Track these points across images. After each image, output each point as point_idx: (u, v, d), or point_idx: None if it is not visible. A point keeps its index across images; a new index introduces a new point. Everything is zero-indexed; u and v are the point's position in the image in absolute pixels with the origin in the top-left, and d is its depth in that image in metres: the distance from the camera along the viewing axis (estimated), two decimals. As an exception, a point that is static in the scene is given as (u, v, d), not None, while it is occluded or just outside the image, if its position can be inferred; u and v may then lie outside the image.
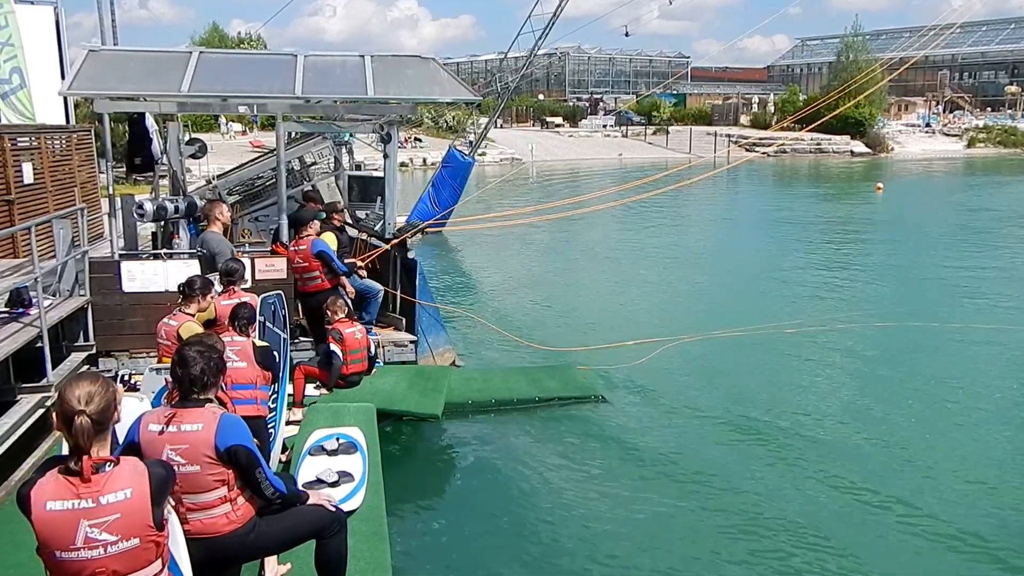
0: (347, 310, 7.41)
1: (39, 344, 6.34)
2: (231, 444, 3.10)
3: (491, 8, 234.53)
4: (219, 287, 6.02)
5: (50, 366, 6.41)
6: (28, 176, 9.75)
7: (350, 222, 10.22)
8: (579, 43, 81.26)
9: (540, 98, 75.72)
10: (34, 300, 6.67)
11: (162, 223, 8.86)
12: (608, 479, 6.33)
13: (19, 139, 9.84)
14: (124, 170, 13.81)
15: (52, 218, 7.80)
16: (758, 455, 6.80)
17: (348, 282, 7.75)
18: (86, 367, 7.26)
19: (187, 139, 10.16)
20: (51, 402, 6.05)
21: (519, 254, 17.65)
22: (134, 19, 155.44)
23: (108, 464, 2.49)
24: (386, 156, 8.94)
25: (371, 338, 7.53)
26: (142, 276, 7.61)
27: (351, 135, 12.98)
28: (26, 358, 6.34)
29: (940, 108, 71.18)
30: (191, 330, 5.19)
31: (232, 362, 4.47)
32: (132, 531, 2.48)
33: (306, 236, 7.57)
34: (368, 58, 8.33)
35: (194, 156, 10.24)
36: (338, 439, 5.80)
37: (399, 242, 8.55)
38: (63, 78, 11.88)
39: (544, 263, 16.71)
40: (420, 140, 48.05)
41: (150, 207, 8.14)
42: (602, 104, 76.45)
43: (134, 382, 6.55)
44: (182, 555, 2.82)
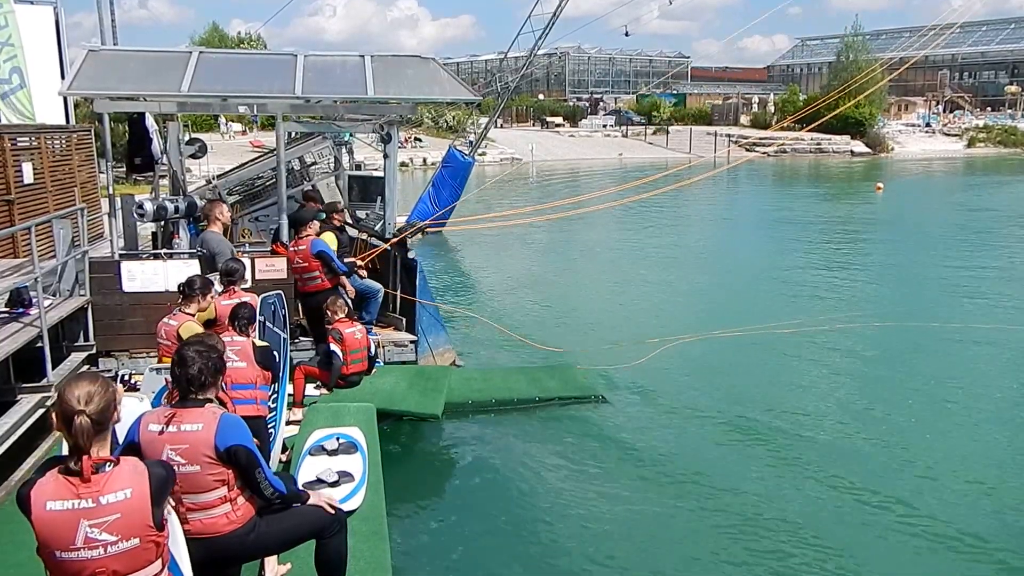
0: (347, 310, 7.42)
1: (39, 344, 6.34)
2: (231, 444, 3.10)
3: (491, 8, 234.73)
4: (219, 287, 6.02)
5: (50, 366, 6.41)
6: (28, 176, 9.76)
7: (350, 222, 10.21)
8: (579, 43, 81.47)
9: (540, 98, 75.74)
10: (34, 300, 6.67)
11: (162, 223, 8.86)
12: (608, 479, 6.33)
13: (19, 139, 9.85)
14: (124, 170, 13.80)
15: (52, 218, 7.80)
16: (758, 455, 6.81)
17: (348, 282, 7.76)
18: (86, 367, 7.26)
19: (187, 139, 10.16)
20: (51, 402, 6.04)
21: (519, 254, 17.65)
22: (134, 19, 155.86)
23: (108, 464, 2.49)
24: (386, 156, 8.93)
25: (371, 338, 7.53)
26: (142, 276, 7.61)
27: (351, 135, 12.99)
28: (26, 358, 6.34)
29: (940, 108, 71.19)
30: (191, 330, 5.19)
31: (232, 362, 4.48)
32: (132, 531, 2.48)
33: (306, 236, 7.57)
34: (368, 58, 8.34)
35: (194, 156, 10.24)
36: (338, 439, 5.80)
37: (399, 242, 8.55)
38: (63, 78, 11.88)
39: (544, 263, 16.71)
40: (420, 140, 48.05)
41: (150, 207, 8.14)
42: (602, 104, 76.47)
43: (134, 382, 6.55)
44: (182, 555, 2.82)
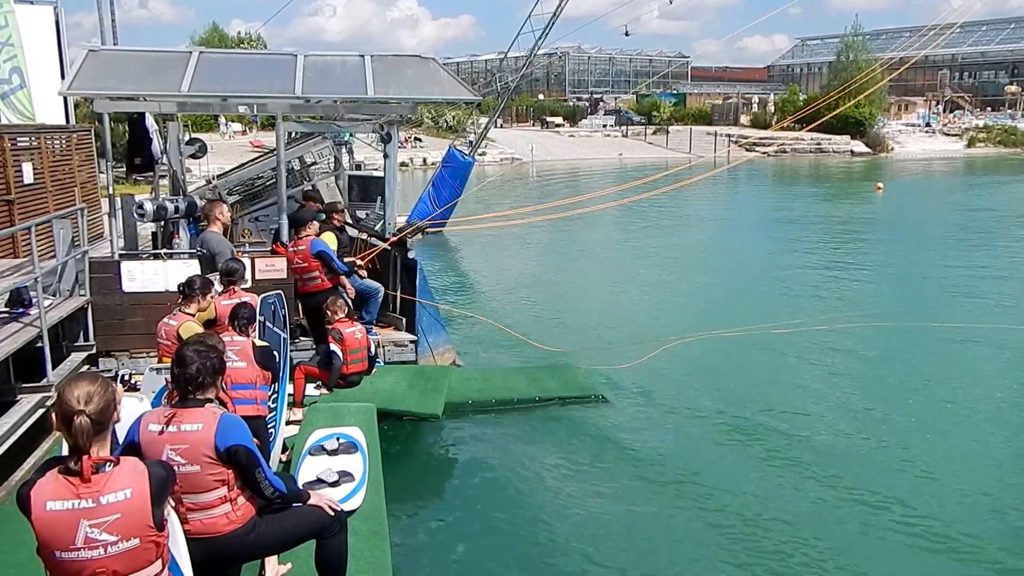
0: (347, 310, 7.42)
1: (39, 344, 6.34)
2: (231, 444, 3.10)
3: (491, 8, 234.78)
4: (219, 287, 6.02)
5: (50, 366, 6.42)
6: (28, 176, 9.76)
7: (350, 222, 10.21)
8: (579, 43, 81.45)
9: (540, 98, 75.72)
10: (34, 300, 6.67)
11: (162, 223, 8.86)
12: (608, 479, 6.33)
13: (19, 139, 9.84)
14: (124, 170, 13.81)
15: (52, 218, 7.80)
16: (757, 455, 6.81)
17: (348, 282, 7.76)
18: (86, 367, 7.27)
19: (187, 139, 10.16)
20: (51, 402, 6.05)
21: (519, 254, 17.64)
22: (134, 19, 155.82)
23: (108, 464, 2.49)
24: (386, 156, 8.93)
25: (371, 338, 7.54)
26: (142, 276, 7.62)
27: (351, 135, 12.98)
28: (26, 358, 6.34)
29: (940, 108, 71.16)
30: (191, 330, 5.19)
31: (232, 362, 4.47)
32: (132, 531, 2.48)
33: (305, 236, 7.57)
34: (368, 58, 8.34)
35: (194, 156, 10.25)
36: (338, 439, 5.80)
37: (399, 242, 8.54)
38: (63, 78, 11.88)
39: (544, 263, 16.71)
40: (420, 140, 48.04)
41: (150, 207, 8.14)
42: (602, 104, 76.45)
43: (134, 382, 6.55)
44: (182, 555, 2.82)
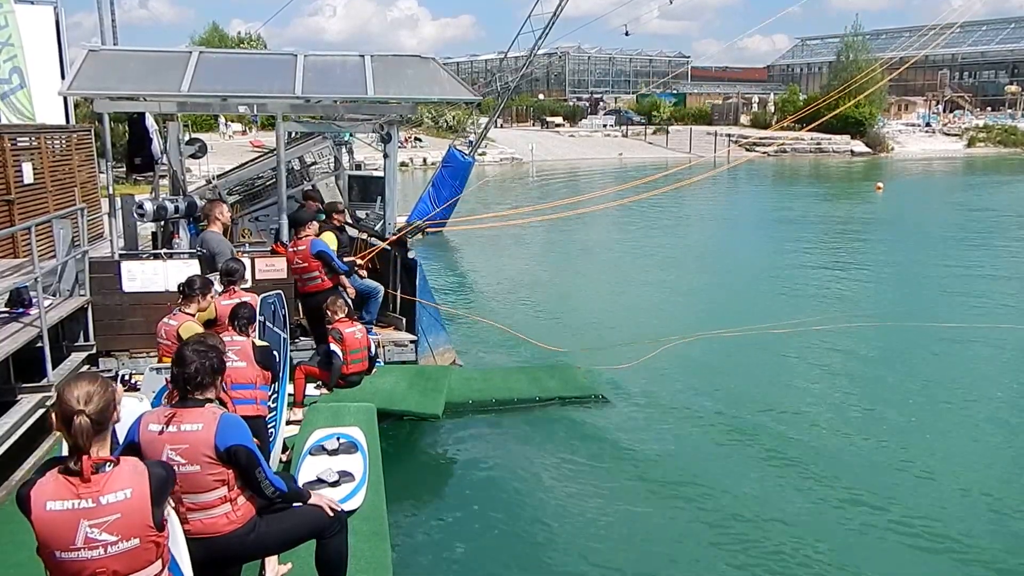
0: (347, 310, 7.41)
1: (39, 344, 6.34)
2: (231, 444, 3.10)
3: (491, 8, 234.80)
4: (219, 287, 6.02)
5: (50, 366, 6.42)
6: (28, 176, 9.76)
7: (350, 222, 10.21)
8: (579, 43, 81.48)
9: (540, 98, 75.69)
10: (34, 300, 6.67)
11: (162, 223, 8.86)
12: (608, 479, 6.33)
13: (19, 139, 9.85)
14: (124, 170, 13.80)
15: (52, 218, 7.80)
16: (757, 455, 6.81)
17: (348, 282, 7.76)
18: (86, 367, 7.27)
19: (187, 139, 10.16)
20: (51, 402, 6.04)
21: (519, 254, 17.64)
22: (134, 19, 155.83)
23: (108, 464, 2.49)
24: (386, 156, 8.93)
25: (371, 338, 7.54)
26: (142, 276, 7.61)
27: (351, 135, 12.98)
28: (26, 358, 6.34)
29: (940, 108, 71.15)
30: (191, 330, 5.19)
31: (232, 362, 4.47)
32: (132, 531, 2.48)
33: (305, 236, 7.57)
34: (368, 58, 8.33)
35: (194, 156, 10.24)
36: (338, 439, 5.80)
37: (399, 242, 8.54)
38: (63, 78, 11.89)
39: (544, 263, 16.71)
40: (420, 140, 48.03)
41: (150, 207, 8.14)
42: (602, 104, 76.44)
43: (134, 382, 6.55)
44: (182, 555, 2.82)
